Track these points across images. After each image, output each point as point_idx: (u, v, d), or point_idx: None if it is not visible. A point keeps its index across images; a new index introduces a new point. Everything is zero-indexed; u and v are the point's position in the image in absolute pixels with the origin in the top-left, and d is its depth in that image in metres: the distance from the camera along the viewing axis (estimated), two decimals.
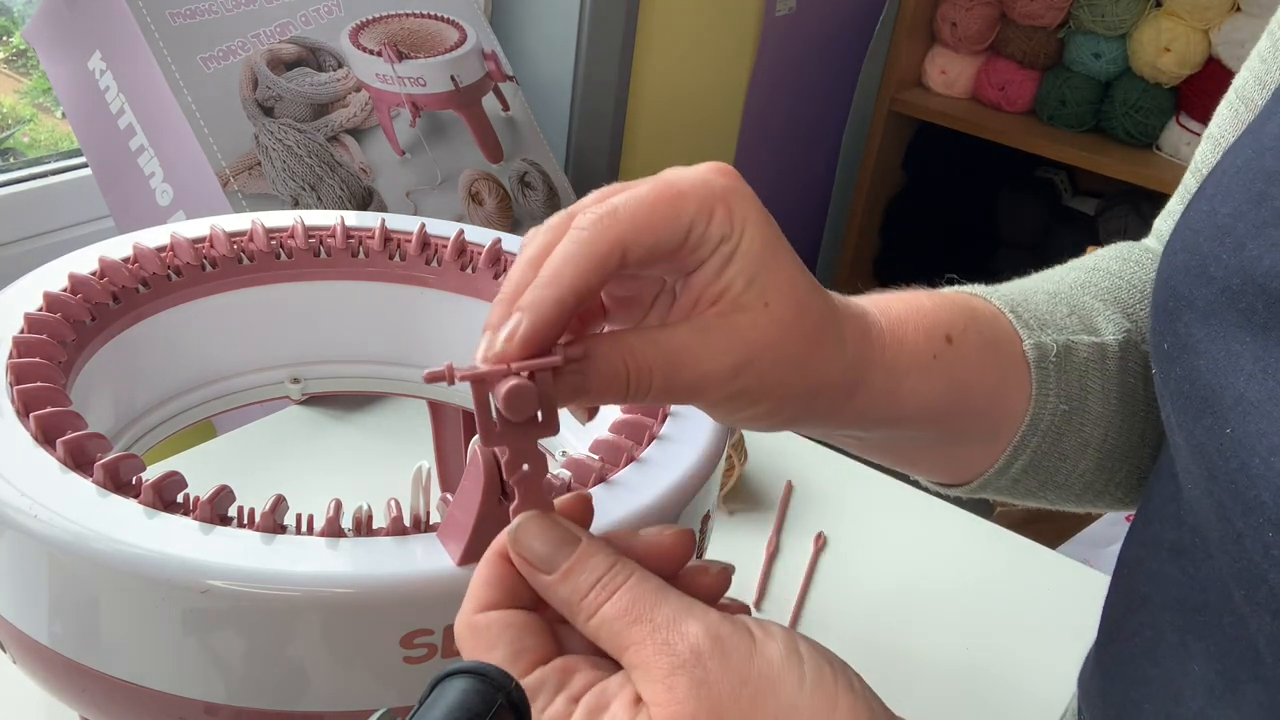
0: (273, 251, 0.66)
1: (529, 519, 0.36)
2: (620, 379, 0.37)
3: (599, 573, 0.34)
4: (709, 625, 0.33)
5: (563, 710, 0.34)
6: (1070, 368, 0.50)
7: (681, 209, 0.37)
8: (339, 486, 0.54)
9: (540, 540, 0.35)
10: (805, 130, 2.19)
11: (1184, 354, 0.40)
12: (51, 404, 0.51)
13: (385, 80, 1.08)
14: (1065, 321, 0.51)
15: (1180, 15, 2.02)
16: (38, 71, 1.24)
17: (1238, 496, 0.36)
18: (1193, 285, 0.41)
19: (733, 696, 0.32)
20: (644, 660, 0.33)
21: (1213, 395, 0.38)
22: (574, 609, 0.35)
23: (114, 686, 0.46)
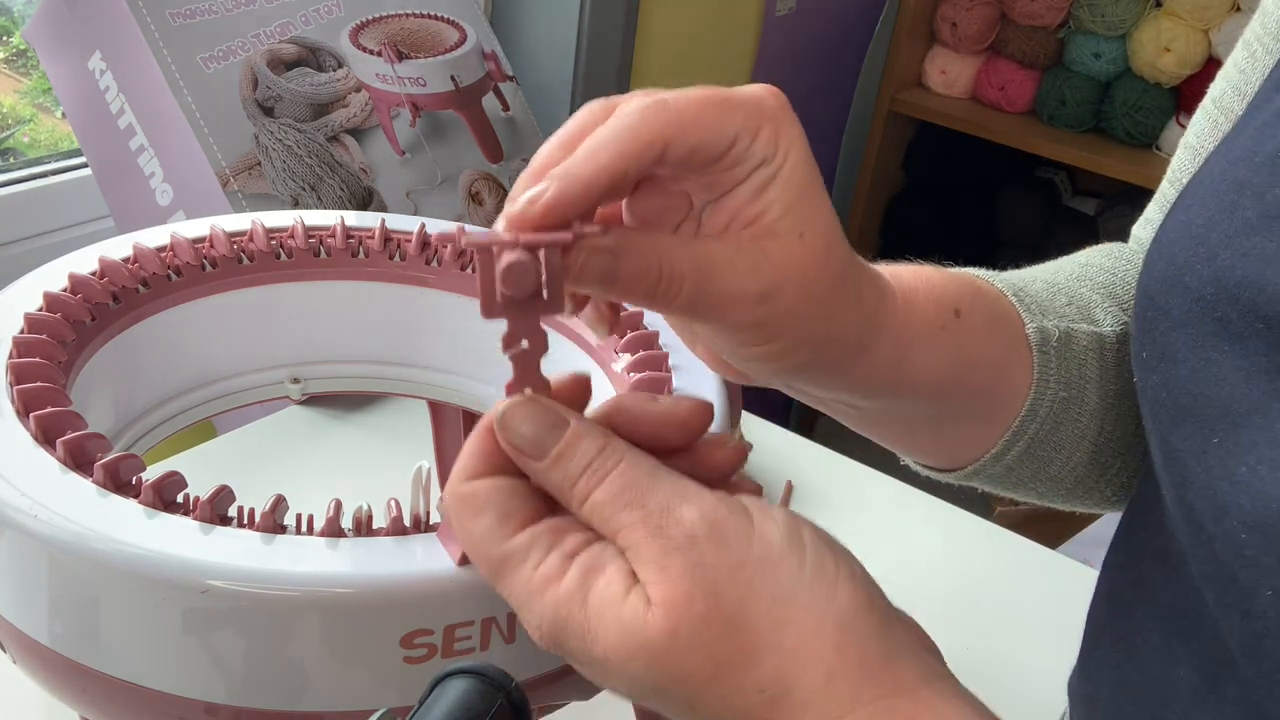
0: (273, 251, 0.66)
1: (517, 402, 0.35)
2: (652, 276, 0.35)
3: (589, 457, 0.34)
4: (704, 509, 0.32)
5: (557, 566, 0.33)
6: (1070, 355, 0.49)
7: (730, 117, 0.36)
8: (339, 486, 0.54)
9: (529, 423, 0.34)
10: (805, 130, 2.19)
11: (1161, 363, 0.41)
12: (51, 404, 0.51)
13: (385, 80, 1.08)
14: (1065, 310, 0.51)
15: (1180, 15, 2.02)
16: (38, 71, 1.24)
17: (1213, 501, 0.36)
18: (1169, 294, 0.41)
19: (729, 579, 0.31)
20: (636, 543, 0.32)
21: (1194, 404, 0.38)
22: (565, 494, 0.34)
23: (114, 686, 0.46)
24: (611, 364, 0.62)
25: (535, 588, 0.33)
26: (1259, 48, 0.49)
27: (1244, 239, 0.38)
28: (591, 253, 0.34)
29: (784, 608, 0.31)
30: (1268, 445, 0.35)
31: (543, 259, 0.33)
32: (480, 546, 0.34)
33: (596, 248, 0.34)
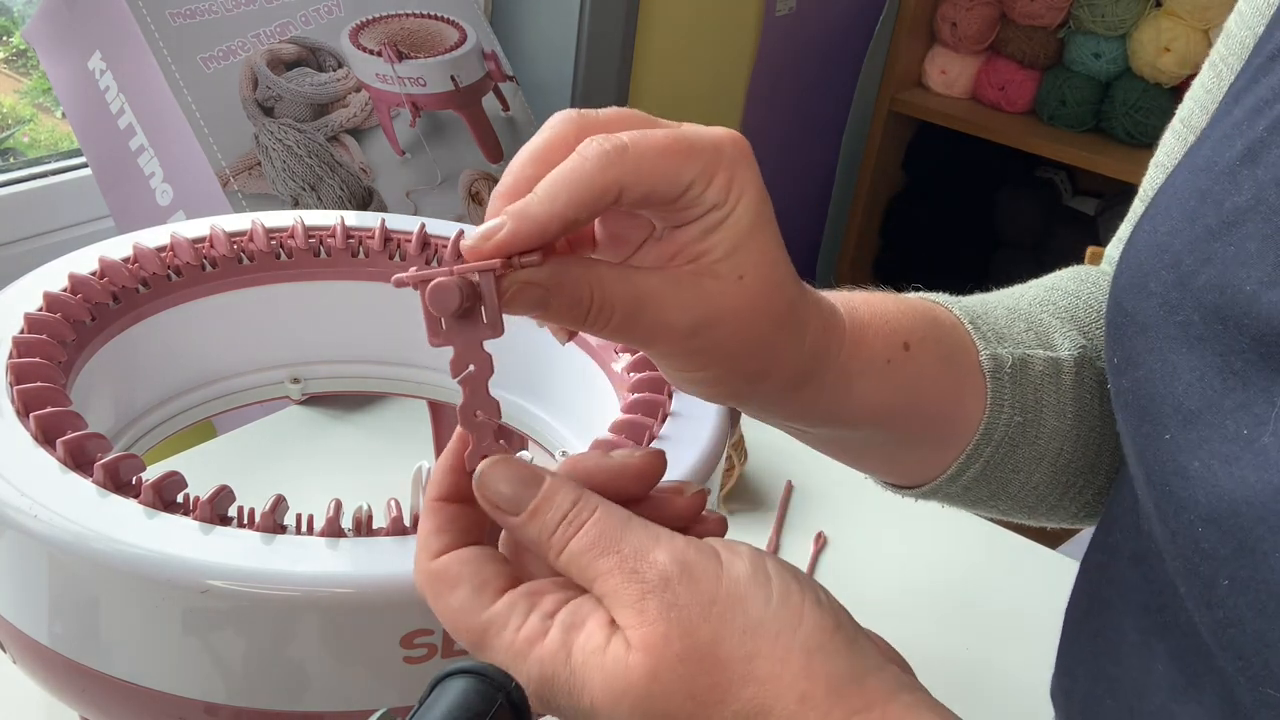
0: (273, 251, 0.66)
1: (493, 463, 0.37)
2: (583, 306, 0.38)
3: (564, 509, 0.35)
4: (675, 552, 0.34)
5: (538, 627, 0.34)
6: (1025, 381, 0.50)
7: (687, 165, 0.37)
8: (339, 486, 0.54)
9: (505, 482, 0.36)
10: (805, 130, 2.19)
11: (1129, 367, 0.42)
12: (51, 404, 0.51)
13: (385, 80, 1.08)
14: (1022, 336, 0.52)
15: (1180, 15, 2.02)
16: (38, 71, 1.24)
17: (1171, 497, 0.38)
18: (1136, 300, 0.42)
19: (702, 616, 0.33)
20: (613, 589, 0.34)
21: (1152, 404, 0.40)
22: (543, 546, 0.35)
23: (114, 686, 0.46)
24: (611, 364, 0.62)
25: (520, 650, 0.34)
26: (1224, 67, 0.50)
27: (1205, 245, 0.39)
28: (524, 285, 0.36)
29: (754, 639, 0.32)
30: (1219, 441, 0.36)
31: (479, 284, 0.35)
32: (459, 619, 0.35)
33: (527, 280, 0.36)
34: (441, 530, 0.37)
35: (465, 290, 0.35)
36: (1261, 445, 0.35)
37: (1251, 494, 0.35)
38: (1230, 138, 0.41)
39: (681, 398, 0.58)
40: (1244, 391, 0.36)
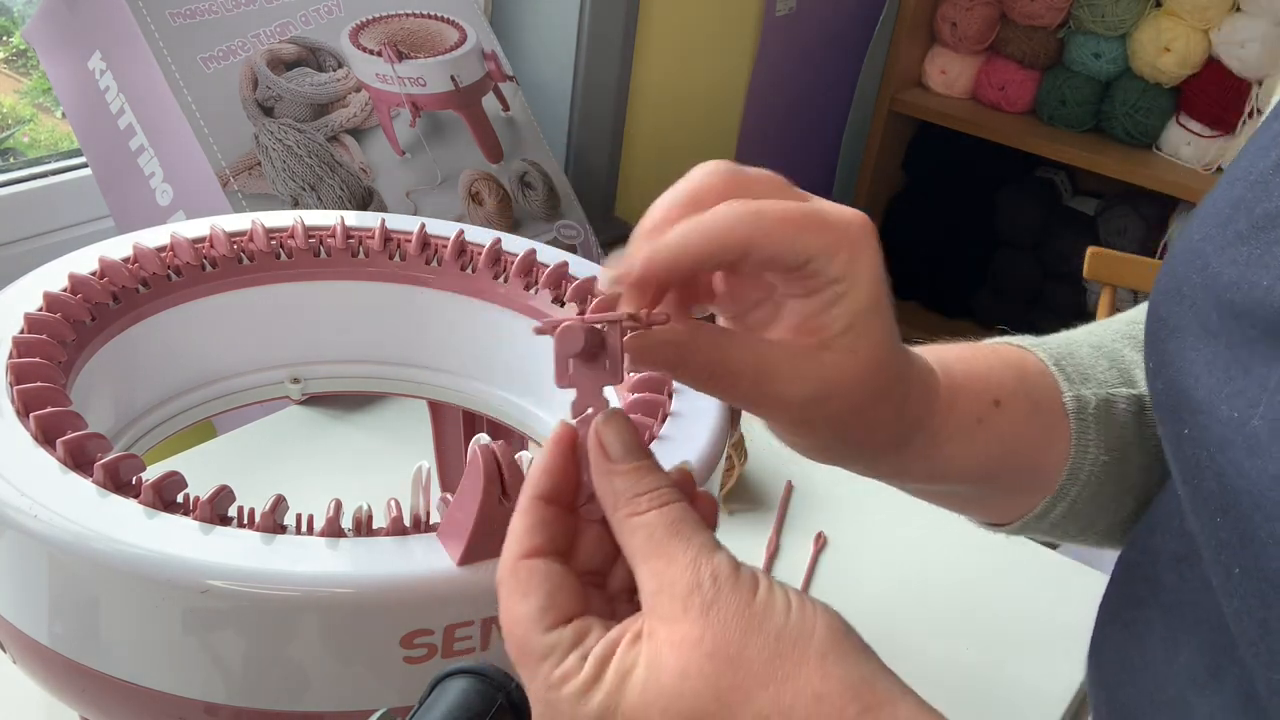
0: (273, 251, 0.66)
1: (618, 415, 0.39)
2: (712, 373, 0.41)
3: (659, 484, 0.38)
4: (730, 557, 0.37)
5: (573, 666, 0.36)
6: (1111, 421, 0.52)
7: (812, 238, 0.41)
8: (339, 486, 0.54)
9: (619, 438, 0.38)
10: (805, 130, 2.19)
11: (1162, 369, 0.43)
12: (51, 404, 0.51)
13: (385, 80, 1.08)
14: (1106, 375, 0.54)
15: (1180, 15, 2.02)
16: (38, 71, 1.24)
17: (1195, 492, 0.39)
18: (1169, 306, 0.44)
19: (734, 621, 0.35)
20: (671, 577, 0.36)
21: (1177, 402, 0.41)
22: (623, 501, 0.38)
23: (114, 686, 0.46)
24: None
25: (554, 683, 0.36)
26: None
27: (1233, 248, 0.40)
28: (660, 345, 0.40)
29: (775, 643, 0.35)
30: (1218, 427, 0.38)
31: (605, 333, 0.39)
32: (514, 628, 0.38)
33: (664, 340, 0.40)
34: (533, 531, 0.39)
35: (591, 336, 0.39)
36: (1252, 429, 0.36)
37: (1248, 482, 0.36)
38: (1266, 149, 0.42)
39: (681, 398, 0.58)
40: (1244, 379, 0.38)
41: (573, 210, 1.21)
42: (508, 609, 0.38)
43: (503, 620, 0.38)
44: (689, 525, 0.37)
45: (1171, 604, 0.45)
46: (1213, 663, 0.41)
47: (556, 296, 0.66)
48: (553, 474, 0.39)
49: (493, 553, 0.46)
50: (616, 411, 0.39)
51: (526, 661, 0.37)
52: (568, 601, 0.38)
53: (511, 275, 0.67)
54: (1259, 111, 2.01)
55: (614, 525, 0.38)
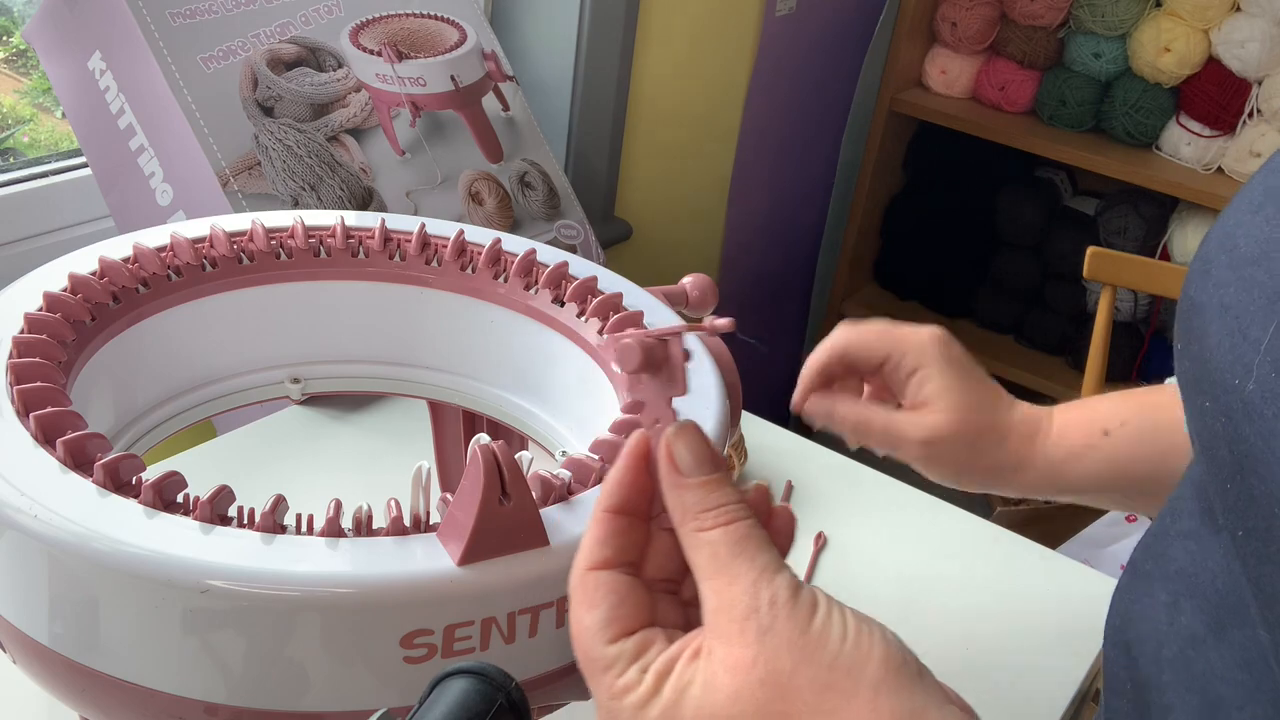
0: (273, 251, 0.66)
1: (690, 427, 0.40)
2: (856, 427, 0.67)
3: (727, 499, 0.38)
4: (790, 580, 0.37)
5: (634, 679, 0.37)
6: None
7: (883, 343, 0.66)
8: (339, 486, 0.54)
9: (690, 451, 0.39)
10: (805, 130, 2.19)
11: (1188, 346, 0.44)
12: (51, 404, 0.51)
13: (385, 80, 1.08)
14: None
15: (1180, 15, 2.02)
16: (38, 71, 1.24)
17: (1211, 459, 0.40)
18: (1197, 288, 0.44)
19: (789, 646, 0.35)
20: (731, 598, 0.36)
21: (1199, 375, 0.42)
22: (690, 515, 0.38)
23: (114, 686, 0.46)
24: (612, 364, 0.62)
25: (616, 693, 0.37)
26: None
27: (1261, 229, 0.41)
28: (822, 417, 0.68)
29: (828, 673, 0.35)
30: (1224, 395, 0.39)
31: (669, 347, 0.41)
32: (580, 637, 0.39)
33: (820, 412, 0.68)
34: (604, 542, 0.40)
35: (653, 350, 0.40)
36: (1247, 394, 0.37)
37: (1249, 448, 0.36)
38: None
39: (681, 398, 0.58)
40: (1243, 345, 0.38)
41: (573, 210, 1.21)
42: (575, 618, 0.39)
43: (570, 628, 0.39)
44: (753, 544, 0.37)
45: (1176, 573, 0.46)
46: (1213, 621, 0.42)
47: (556, 296, 0.66)
48: (624, 486, 0.40)
49: (493, 552, 0.46)
50: (687, 424, 0.40)
51: (591, 670, 0.38)
52: (632, 614, 0.39)
53: (511, 275, 0.67)
54: (1259, 111, 2.01)
55: (681, 539, 0.38)
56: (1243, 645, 0.41)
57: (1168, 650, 0.45)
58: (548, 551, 0.47)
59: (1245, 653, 0.41)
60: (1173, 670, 0.44)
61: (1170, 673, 0.44)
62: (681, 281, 0.69)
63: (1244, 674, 0.40)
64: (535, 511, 0.47)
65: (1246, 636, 0.41)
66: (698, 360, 0.62)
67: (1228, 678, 0.40)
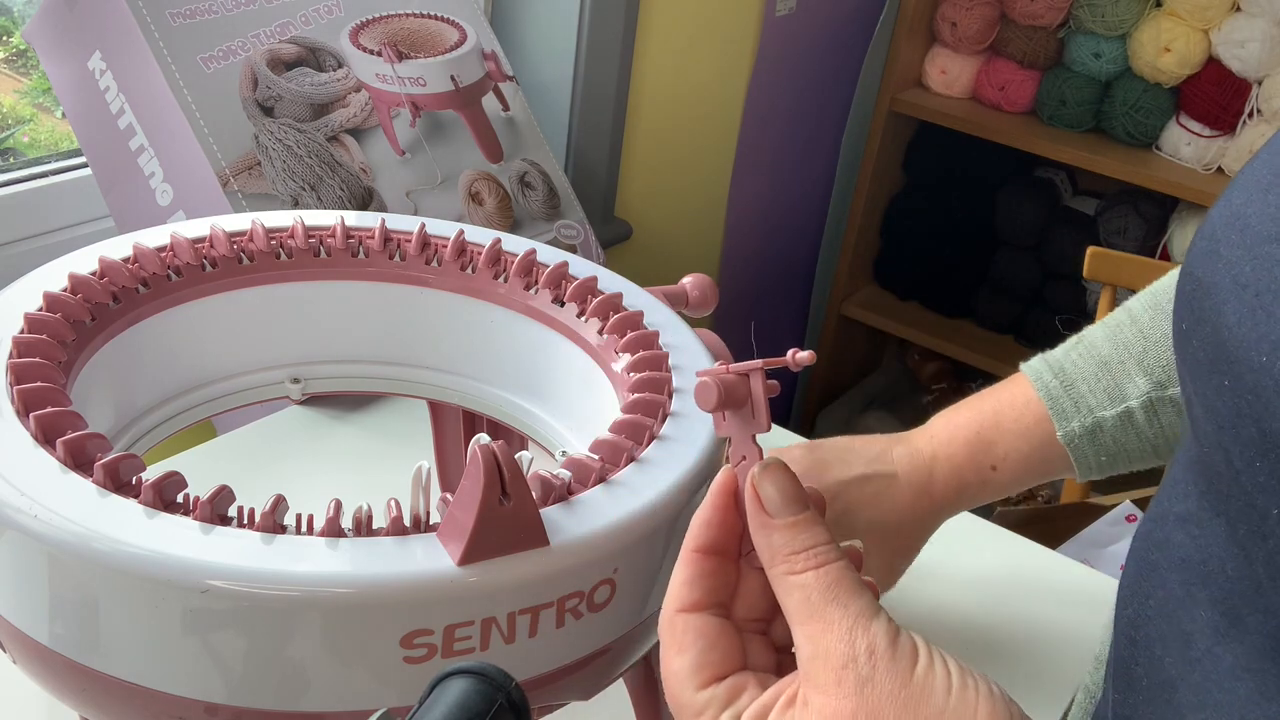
0: (273, 251, 0.66)
1: (777, 465, 0.39)
2: None
3: (818, 540, 0.37)
4: (887, 627, 0.36)
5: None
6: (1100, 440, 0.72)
7: None
8: (339, 486, 0.54)
9: (777, 489, 0.38)
10: (805, 130, 2.19)
11: (1197, 326, 0.43)
12: (51, 404, 0.51)
13: (385, 80, 1.08)
14: (1100, 399, 0.72)
15: (1180, 15, 2.02)
16: (38, 71, 1.24)
17: (1236, 437, 0.39)
18: (1205, 267, 0.43)
19: (890, 698, 0.34)
20: (826, 646, 0.35)
21: (1215, 356, 0.41)
22: (780, 557, 0.37)
23: (114, 686, 0.46)
24: (612, 364, 0.62)
25: None
26: None
27: (1275, 208, 0.40)
28: None
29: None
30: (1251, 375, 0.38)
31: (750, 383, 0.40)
32: (670, 681, 0.38)
33: None
34: (693, 584, 0.39)
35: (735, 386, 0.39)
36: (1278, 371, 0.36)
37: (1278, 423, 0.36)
38: None
39: (681, 398, 0.58)
40: (1269, 322, 0.37)
41: (573, 210, 1.21)
42: (665, 661, 0.38)
43: (661, 671, 0.38)
44: (847, 588, 0.36)
45: (1182, 560, 0.45)
46: (1231, 610, 0.41)
47: (556, 296, 0.66)
48: (712, 526, 0.39)
49: (493, 552, 0.46)
50: (774, 462, 0.39)
51: (682, 715, 0.37)
52: (722, 658, 0.38)
53: (511, 275, 0.67)
54: (1259, 112, 2.01)
55: (771, 581, 0.37)
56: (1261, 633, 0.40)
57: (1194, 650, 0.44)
58: (548, 551, 0.47)
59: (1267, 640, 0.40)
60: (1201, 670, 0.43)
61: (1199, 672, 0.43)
62: (681, 281, 0.69)
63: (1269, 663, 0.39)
64: (535, 511, 0.47)
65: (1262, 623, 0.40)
66: (694, 357, 0.62)
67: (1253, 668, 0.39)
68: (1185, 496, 0.46)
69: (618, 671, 0.55)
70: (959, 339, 2.37)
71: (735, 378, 0.39)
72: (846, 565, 0.37)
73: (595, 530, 0.48)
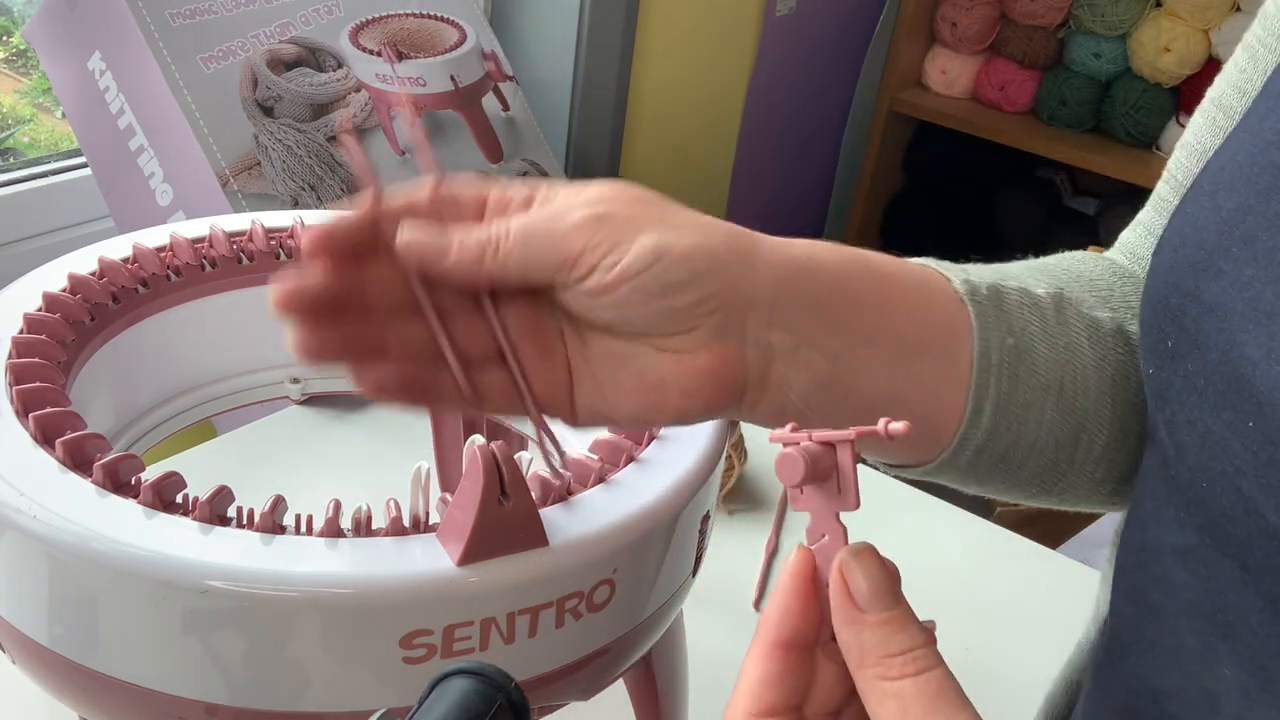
0: (273, 251, 0.66)
1: (867, 552, 0.35)
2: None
3: (914, 643, 0.34)
4: None
5: None
6: (1005, 306, 0.49)
7: None
8: (339, 486, 0.54)
9: (868, 580, 0.35)
10: (805, 130, 2.19)
11: (1194, 349, 0.40)
12: (51, 404, 0.51)
13: (385, 80, 1.09)
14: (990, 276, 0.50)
15: (1180, 15, 2.02)
16: (38, 71, 1.24)
17: (1267, 487, 0.36)
18: (1199, 279, 0.40)
19: None
20: None
21: (1231, 389, 0.38)
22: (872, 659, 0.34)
23: (114, 687, 0.46)
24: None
25: None
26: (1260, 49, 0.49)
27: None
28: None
29: None
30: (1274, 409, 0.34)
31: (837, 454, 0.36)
32: None
33: None
34: (771, 684, 0.35)
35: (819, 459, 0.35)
36: None
37: None
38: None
39: None
40: None
41: None
42: None
43: None
44: (949, 700, 0.33)
45: (1194, 605, 0.42)
46: (1260, 670, 0.38)
47: None
48: (794, 616, 0.35)
49: (492, 553, 0.46)
50: (864, 548, 0.35)
51: None
52: None
53: None
54: None
55: (858, 681, 0.34)
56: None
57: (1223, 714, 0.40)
58: (547, 552, 0.47)
59: None
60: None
61: None
62: None
63: None
64: (535, 512, 0.47)
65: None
66: None
67: None
68: (1179, 527, 0.42)
69: (618, 671, 0.55)
70: None
71: (821, 448, 0.35)
72: (948, 674, 0.34)
73: (595, 530, 0.48)
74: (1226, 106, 0.50)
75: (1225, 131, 0.49)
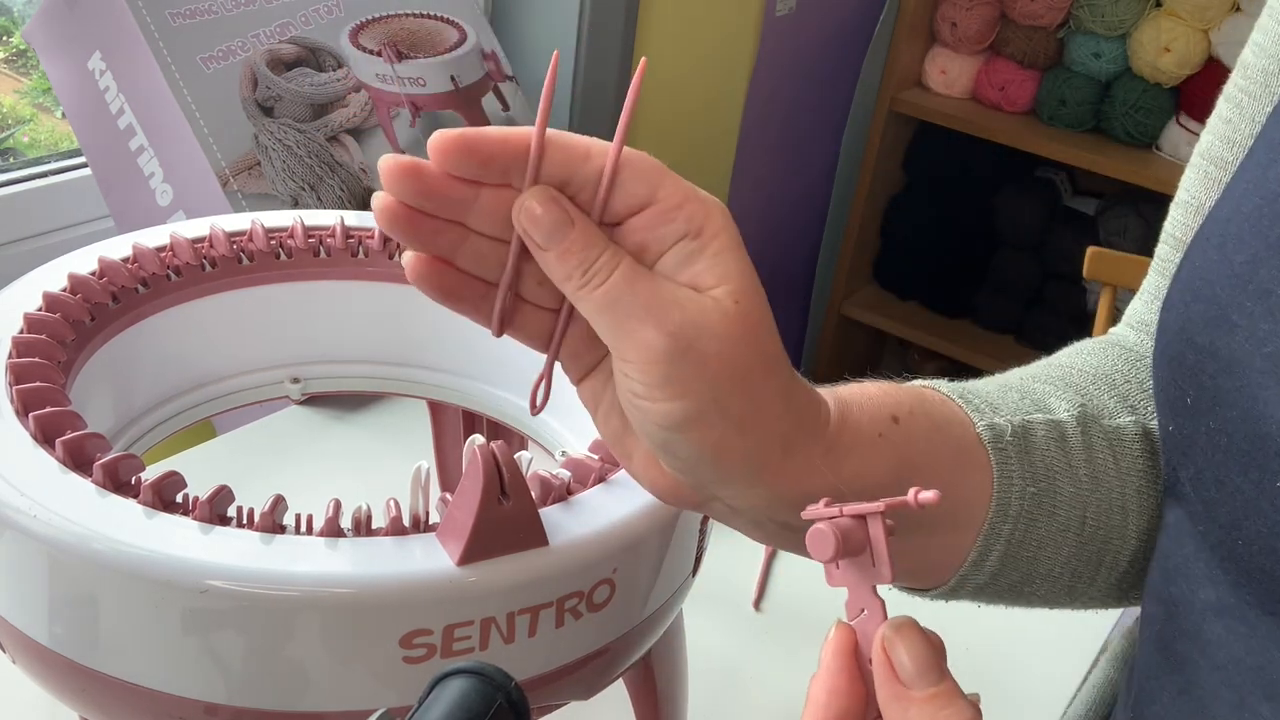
0: (273, 251, 0.66)
1: (909, 626, 0.35)
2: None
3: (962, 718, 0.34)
4: None
5: None
6: (1031, 447, 0.48)
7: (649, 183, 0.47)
8: (339, 486, 0.54)
9: (911, 655, 0.35)
10: (805, 130, 2.19)
11: (1214, 407, 0.40)
12: (51, 404, 0.51)
13: (385, 80, 1.08)
14: (1018, 404, 0.50)
15: (1180, 15, 2.02)
16: (38, 71, 1.24)
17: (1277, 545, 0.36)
18: (1214, 335, 0.40)
19: None
20: None
21: (1255, 448, 0.37)
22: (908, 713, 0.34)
23: (114, 686, 0.46)
24: None
25: None
26: (1244, 98, 0.49)
27: None
28: None
29: None
30: None
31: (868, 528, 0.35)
32: None
33: None
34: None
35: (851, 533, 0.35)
36: None
37: None
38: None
39: None
40: None
41: None
42: None
43: None
44: None
45: (1233, 662, 0.41)
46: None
47: None
48: (841, 696, 0.35)
49: (492, 552, 0.46)
50: (906, 622, 0.35)
51: None
52: None
53: None
54: None
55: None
56: None
57: None
58: (547, 551, 0.47)
59: None
60: None
61: None
62: None
63: None
64: (535, 511, 0.47)
65: None
66: None
67: None
68: (1212, 582, 0.41)
69: (617, 671, 0.55)
70: (959, 339, 2.37)
71: (851, 521, 0.35)
72: None
73: (595, 530, 0.48)
74: (1218, 159, 0.50)
75: (1220, 184, 0.49)
